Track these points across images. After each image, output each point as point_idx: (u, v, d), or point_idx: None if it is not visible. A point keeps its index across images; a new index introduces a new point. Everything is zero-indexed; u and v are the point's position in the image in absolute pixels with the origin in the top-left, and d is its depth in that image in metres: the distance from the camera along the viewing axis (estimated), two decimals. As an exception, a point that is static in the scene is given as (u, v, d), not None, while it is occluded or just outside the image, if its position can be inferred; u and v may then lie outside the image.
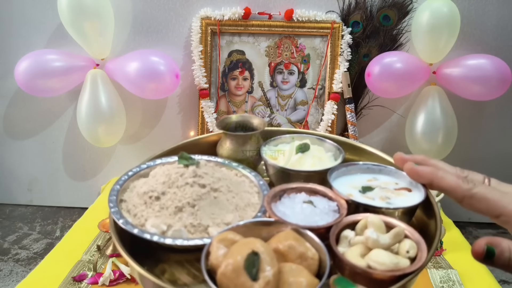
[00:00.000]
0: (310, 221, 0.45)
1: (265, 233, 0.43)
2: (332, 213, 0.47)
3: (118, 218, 0.47)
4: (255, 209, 0.51)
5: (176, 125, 1.53)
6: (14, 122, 1.56)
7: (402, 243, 0.42)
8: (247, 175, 0.57)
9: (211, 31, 1.40)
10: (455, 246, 1.13)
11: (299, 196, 0.50)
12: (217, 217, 0.48)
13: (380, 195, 0.49)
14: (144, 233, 0.45)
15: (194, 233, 0.46)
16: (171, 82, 1.35)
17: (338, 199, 0.49)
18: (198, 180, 0.50)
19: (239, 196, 0.52)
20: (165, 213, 0.48)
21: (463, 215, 1.59)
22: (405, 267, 0.39)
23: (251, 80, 1.46)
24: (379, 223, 0.43)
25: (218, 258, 0.39)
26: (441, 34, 1.31)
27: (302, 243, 0.41)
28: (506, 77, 1.30)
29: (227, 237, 0.41)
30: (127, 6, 1.42)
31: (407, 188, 0.51)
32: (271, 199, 0.49)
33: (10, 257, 1.38)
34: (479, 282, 1.00)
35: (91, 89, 1.35)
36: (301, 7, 1.39)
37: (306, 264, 0.40)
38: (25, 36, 1.45)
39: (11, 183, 1.63)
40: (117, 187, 0.52)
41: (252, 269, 0.37)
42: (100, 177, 1.59)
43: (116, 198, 0.50)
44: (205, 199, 0.49)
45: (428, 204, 0.49)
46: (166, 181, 0.51)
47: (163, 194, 0.50)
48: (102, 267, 1.00)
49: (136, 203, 0.50)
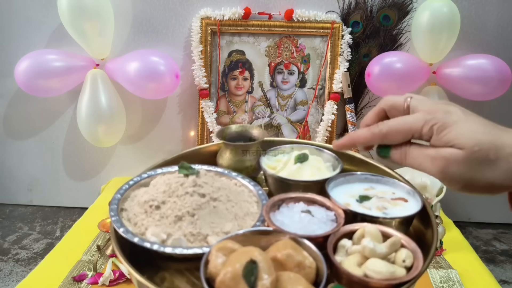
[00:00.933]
0: (308, 230, 0.46)
1: (263, 242, 0.44)
2: (330, 223, 0.48)
3: (119, 226, 0.48)
4: (254, 218, 0.51)
5: (176, 125, 1.53)
6: (14, 122, 1.56)
7: (398, 252, 0.43)
8: (246, 184, 0.57)
9: (211, 31, 1.40)
10: (455, 246, 1.13)
11: (298, 206, 0.51)
12: (217, 226, 0.49)
13: (377, 204, 0.50)
14: (144, 241, 0.46)
15: (193, 242, 0.47)
16: (171, 82, 1.35)
17: (336, 208, 0.50)
18: (198, 189, 0.51)
19: (238, 205, 0.53)
20: (165, 222, 0.48)
21: (463, 215, 1.59)
22: (401, 276, 0.40)
23: (251, 80, 1.46)
24: (376, 233, 0.44)
25: (217, 266, 0.40)
26: (441, 34, 1.31)
27: (300, 252, 0.42)
28: (506, 77, 1.30)
29: (226, 246, 0.42)
30: (127, 6, 1.42)
31: (404, 198, 0.52)
32: (270, 208, 0.50)
33: (10, 257, 1.38)
34: (479, 282, 1.00)
35: (91, 89, 1.35)
36: (301, 7, 1.39)
37: (304, 272, 0.41)
38: (25, 36, 1.45)
39: (11, 183, 1.63)
40: (118, 196, 0.53)
41: (250, 277, 0.37)
42: (100, 177, 1.59)
43: (117, 207, 0.51)
44: (204, 209, 0.50)
45: (425, 213, 0.50)
46: (166, 190, 0.52)
47: (163, 203, 0.50)
48: (102, 267, 1.00)
49: (137, 212, 0.51)
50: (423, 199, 0.51)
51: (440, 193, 1.16)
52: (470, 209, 1.59)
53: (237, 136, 0.64)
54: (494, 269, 1.37)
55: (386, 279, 0.39)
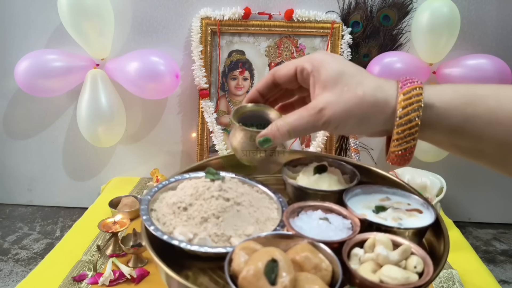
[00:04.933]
0: (325, 236, 0.49)
1: (283, 245, 0.47)
2: (346, 230, 0.50)
3: (149, 225, 0.51)
4: (274, 224, 0.54)
5: (176, 125, 1.53)
6: (14, 122, 1.56)
7: (409, 259, 0.45)
8: (267, 192, 0.61)
9: (211, 31, 1.40)
10: (455, 246, 1.13)
11: (316, 213, 0.53)
12: (239, 229, 0.52)
13: (392, 215, 0.52)
14: (172, 239, 0.49)
15: (217, 242, 0.50)
16: (171, 82, 1.35)
17: (352, 217, 0.52)
18: (223, 194, 0.55)
19: (259, 210, 0.56)
20: (192, 223, 0.52)
21: (463, 215, 1.59)
22: (415, 281, 0.42)
23: (251, 80, 1.47)
24: (387, 241, 0.46)
25: (240, 264, 0.43)
26: (441, 34, 1.31)
27: (317, 255, 0.44)
28: (506, 77, 1.30)
29: (249, 246, 0.45)
30: (127, 6, 1.42)
31: (419, 210, 0.54)
32: (290, 214, 0.53)
33: (10, 257, 1.38)
34: (479, 282, 1.00)
35: (91, 89, 1.35)
36: (301, 7, 1.39)
37: (320, 274, 0.43)
38: (25, 36, 1.45)
39: (11, 183, 1.63)
40: (148, 197, 0.56)
41: (271, 275, 0.40)
42: (100, 177, 1.59)
43: (147, 208, 0.54)
44: (228, 212, 0.53)
45: (438, 226, 0.52)
46: (193, 194, 0.55)
47: (190, 205, 0.54)
48: (102, 267, 1.00)
49: (165, 212, 0.54)
50: (436, 212, 0.52)
51: (440, 193, 1.17)
52: (470, 209, 1.59)
53: (251, 117, 0.58)
54: (494, 269, 1.37)
55: (401, 284, 0.42)
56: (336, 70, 0.46)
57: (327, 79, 0.46)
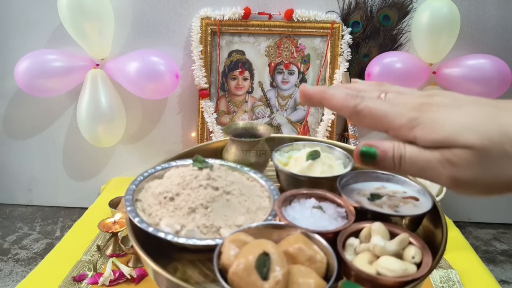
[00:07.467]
0: (319, 226, 0.47)
1: (275, 236, 0.45)
2: (341, 219, 0.48)
3: (134, 216, 0.48)
4: (266, 213, 0.52)
5: (176, 125, 1.53)
6: (14, 122, 1.56)
7: (406, 249, 0.43)
8: (258, 179, 0.58)
9: (211, 31, 1.40)
10: (455, 246, 1.13)
11: (309, 202, 0.51)
12: (229, 219, 0.50)
13: (388, 203, 0.50)
14: (158, 231, 0.46)
15: (206, 234, 0.48)
16: (171, 82, 1.35)
17: (347, 205, 0.50)
18: (211, 182, 0.52)
19: (250, 199, 0.53)
20: (179, 214, 0.49)
21: (463, 215, 1.59)
22: (414, 273, 0.40)
23: (251, 80, 1.46)
24: (383, 231, 0.44)
25: (229, 257, 0.40)
26: (441, 34, 1.31)
27: (311, 247, 0.42)
28: (506, 77, 1.30)
29: (239, 238, 0.42)
30: (127, 6, 1.42)
31: (415, 197, 0.52)
32: (282, 203, 0.50)
33: (10, 257, 1.38)
34: (479, 282, 1.00)
35: (91, 89, 1.35)
36: (301, 7, 1.39)
37: (315, 266, 0.41)
38: (25, 36, 1.45)
39: (11, 183, 1.63)
40: (132, 187, 0.54)
41: (263, 269, 0.38)
42: (100, 177, 1.59)
43: (132, 198, 0.52)
44: (218, 201, 0.51)
45: (435, 213, 0.50)
46: (180, 183, 0.52)
47: (177, 195, 0.51)
48: (102, 267, 1.00)
49: (151, 203, 0.52)
50: (433, 198, 0.50)
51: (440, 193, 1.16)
52: (470, 209, 1.59)
53: (243, 132, 0.66)
54: (494, 269, 1.37)
55: (399, 276, 0.40)
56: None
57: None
